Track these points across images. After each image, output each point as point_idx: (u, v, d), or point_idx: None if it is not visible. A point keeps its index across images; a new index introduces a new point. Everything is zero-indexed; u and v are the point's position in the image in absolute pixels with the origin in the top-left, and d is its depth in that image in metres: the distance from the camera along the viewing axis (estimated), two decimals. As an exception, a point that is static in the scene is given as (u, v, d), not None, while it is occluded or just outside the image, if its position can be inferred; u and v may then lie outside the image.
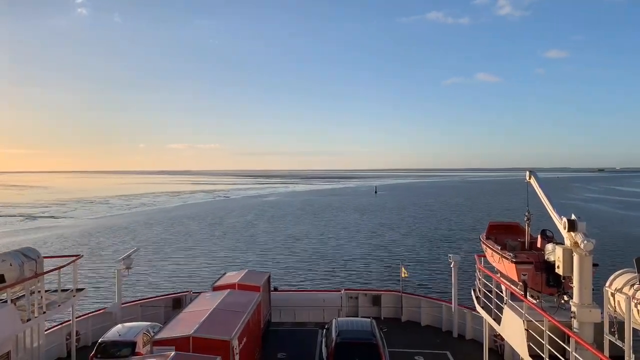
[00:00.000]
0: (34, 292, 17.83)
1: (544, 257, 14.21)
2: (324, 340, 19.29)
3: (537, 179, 15.51)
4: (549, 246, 14.01)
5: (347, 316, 24.69)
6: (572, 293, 12.37)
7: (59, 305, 19.01)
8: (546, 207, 14.08)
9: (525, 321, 13.41)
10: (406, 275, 26.96)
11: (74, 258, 20.81)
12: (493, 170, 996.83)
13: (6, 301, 16.07)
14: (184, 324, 15.97)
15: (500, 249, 16.09)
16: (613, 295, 11.20)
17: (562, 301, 13.78)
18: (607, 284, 11.61)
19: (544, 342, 12.28)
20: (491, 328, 17.86)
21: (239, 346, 15.56)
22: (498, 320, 16.00)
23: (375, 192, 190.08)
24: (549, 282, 14.06)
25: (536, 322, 12.97)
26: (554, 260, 13.11)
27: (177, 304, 25.53)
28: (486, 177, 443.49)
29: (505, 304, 15.34)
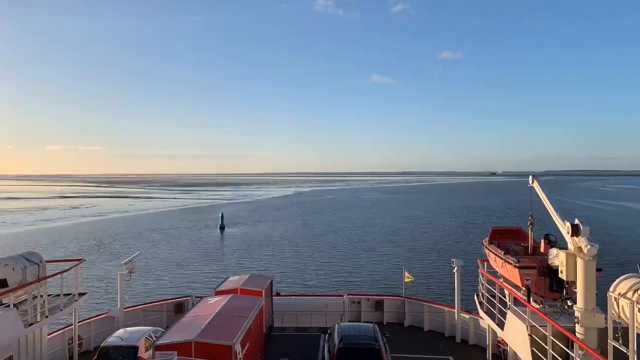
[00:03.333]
0: (36, 297, 17.87)
1: (548, 261, 14.18)
2: (326, 345, 19.23)
3: (540, 184, 15.50)
4: (553, 251, 13.98)
5: (349, 321, 24.62)
6: (576, 298, 12.33)
7: (61, 310, 19.02)
8: (549, 211, 14.06)
9: (528, 326, 13.37)
10: (410, 279, 26.86)
11: (76, 262, 20.83)
12: (390, 175, 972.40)
13: (9, 305, 16.10)
14: (186, 329, 15.94)
15: (504, 253, 16.05)
16: (617, 300, 11.15)
17: (566, 306, 13.74)
18: (611, 288, 11.56)
19: (547, 348, 12.24)
20: (494, 333, 17.80)
21: (241, 351, 15.52)
22: (501, 325, 15.95)
23: (221, 227, 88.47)
24: (553, 287, 14.02)
25: (539, 327, 12.93)
26: (558, 265, 13.08)
27: (179, 308, 25.51)
28: (389, 183, 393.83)
29: (509, 309, 15.30)
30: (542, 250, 16.07)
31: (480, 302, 18.50)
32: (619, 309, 11.10)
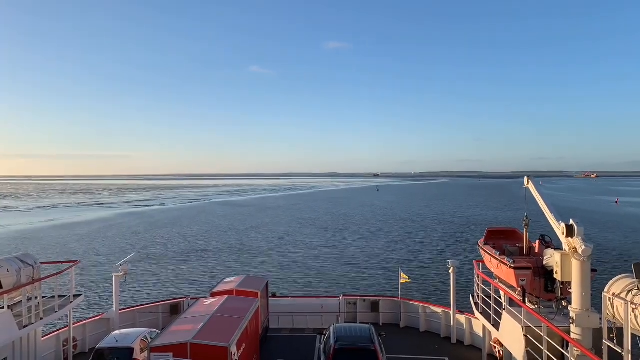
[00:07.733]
0: (31, 298, 17.78)
1: (543, 262, 14.24)
2: (322, 346, 19.23)
3: (535, 185, 15.57)
4: (548, 251, 14.03)
5: (345, 322, 24.63)
6: (571, 298, 12.39)
7: (56, 312, 18.94)
8: (544, 212, 14.12)
9: (523, 327, 13.42)
10: (407, 280, 26.89)
11: (71, 264, 20.75)
12: (270, 177, 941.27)
13: (3, 307, 16.02)
14: (182, 330, 15.90)
15: (499, 254, 16.11)
16: (611, 300, 11.20)
17: (561, 306, 13.80)
18: (606, 289, 11.62)
19: (542, 348, 12.28)
20: (490, 334, 17.85)
21: (237, 352, 15.50)
22: (497, 326, 16.00)
23: None
24: (548, 288, 14.09)
25: (535, 328, 12.98)
26: (553, 266, 13.14)
27: (175, 310, 25.43)
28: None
29: (504, 309, 15.35)
30: (537, 251, 16.15)
31: (475, 303, 18.55)
32: (613, 309, 11.16)
